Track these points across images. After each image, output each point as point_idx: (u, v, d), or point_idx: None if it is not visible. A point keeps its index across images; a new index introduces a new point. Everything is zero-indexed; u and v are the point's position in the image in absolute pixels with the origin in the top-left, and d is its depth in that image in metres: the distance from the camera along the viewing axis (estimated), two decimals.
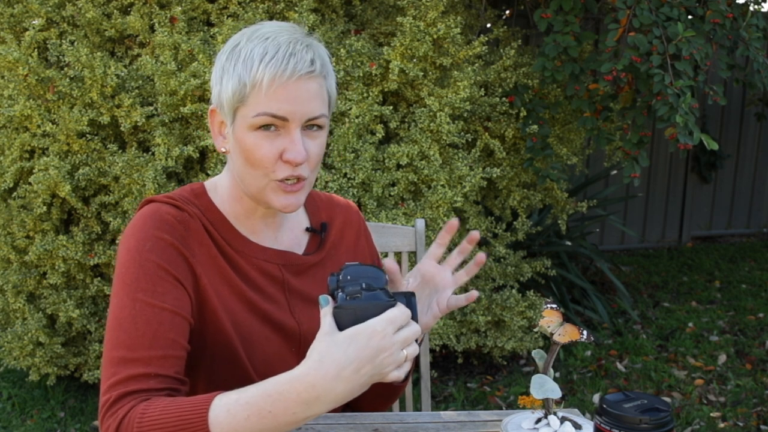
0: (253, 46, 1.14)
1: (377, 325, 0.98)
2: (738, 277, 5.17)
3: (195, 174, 2.95)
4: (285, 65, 1.12)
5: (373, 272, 1.05)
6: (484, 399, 3.41)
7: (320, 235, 1.36)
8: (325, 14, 3.21)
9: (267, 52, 1.13)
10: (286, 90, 1.13)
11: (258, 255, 1.27)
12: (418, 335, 1.02)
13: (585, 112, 3.20)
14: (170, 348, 1.12)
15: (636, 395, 1.09)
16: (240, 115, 1.16)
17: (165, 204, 1.22)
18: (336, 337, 0.99)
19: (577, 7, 3.06)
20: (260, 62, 1.13)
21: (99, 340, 3.04)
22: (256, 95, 1.13)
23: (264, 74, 1.12)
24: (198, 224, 1.22)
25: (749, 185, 6.24)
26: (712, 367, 3.72)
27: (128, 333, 1.11)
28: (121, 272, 1.16)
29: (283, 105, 1.13)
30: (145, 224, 1.18)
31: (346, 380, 0.97)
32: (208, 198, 1.26)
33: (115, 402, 1.06)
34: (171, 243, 1.17)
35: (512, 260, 3.50)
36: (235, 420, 0.99)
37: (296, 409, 0.98)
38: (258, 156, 1.16)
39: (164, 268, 1.15)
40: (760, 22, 3.21)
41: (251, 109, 1.14)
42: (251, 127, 1.15)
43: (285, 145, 1.15)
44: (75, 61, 2.81)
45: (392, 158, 2.95)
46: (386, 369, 0.99)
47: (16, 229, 2.97)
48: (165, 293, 1.14)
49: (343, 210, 1.42)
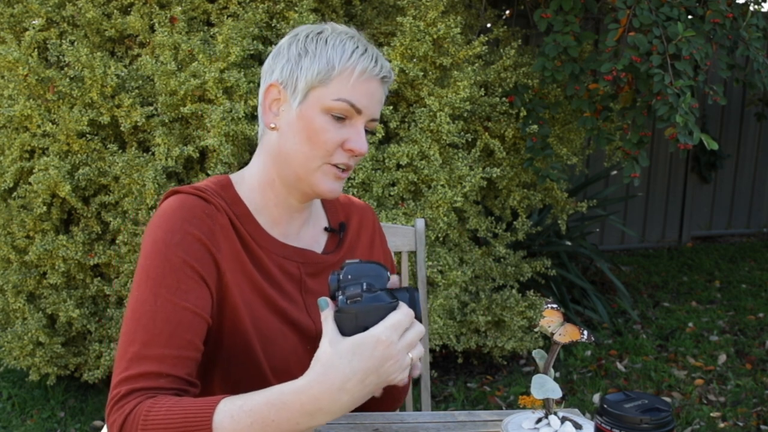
0: (343, 38, 1.19)
1: (381, 334, 0.97)
2: (738, 277, 5.17)
3: (195, 174, 2.95)
4: (375, 63, 1.19)
5: (374, 270, 1.04)
6: (484, 399, 3.41)
7: (339, 234, 1.36)
8: (325, 14, 3.21)
9: (358, 47, 1.19)
10: (369, 85, 1.19)
11: (278, 251, 1.26)
12: (422, 335, 1.02)
13: (585, 112, 3.20)
14: (185, 349, 1.11)
15: (636, 395, 1.09)
16: (315, 95, 1.18)
17: (192, 196, 1.20)
18: (340, 347, 0.98)
19: (577, 7, 3.06)
20: (353, 53, 1.18)
21: (99, 340, 3.04)
22: (343, 81, 1.17)
23: (357, 64, 1.18)
24: (224, 218, 1.21)
25: (749, 185, 6.24)
26: (712, 367, 3.72)
27: (146, 329, 1.10)
28: (146, 264, 1.14)
29: (363, 98, 1.18)
30: (174, 216, 1.16)
31: (351, 391, 0.97)
32: (234, 190, 1.25)
33: (123, 397, 1.06)
34: (199, 238, 1.16)
35: (512, 260, 3.50)
36: (238, 426, 0.99)
37: (300, 419, 0.98)
38: (323, 138, 1.18)
39: (190, 264, 1.14)
40: (760, 22, 3.21)
41: (333, 92, 1.17)
42: (325, 110, 1.18)
43: (350, 135, 1.19)
44: (75, 61, 2.80)
45: (392, 158, 2.95)
46: (392, 376, 0.99)
47: (16, 229, 2.97)
48: (188, 291, 1.13)
49: (360, 211, 1.43)
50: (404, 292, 1.04)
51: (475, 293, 3.38)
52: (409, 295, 1.04)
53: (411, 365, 1.01)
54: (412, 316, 1.01)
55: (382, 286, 1.02)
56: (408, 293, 1.04)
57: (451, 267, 3.08)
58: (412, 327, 1.01)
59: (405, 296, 1.03)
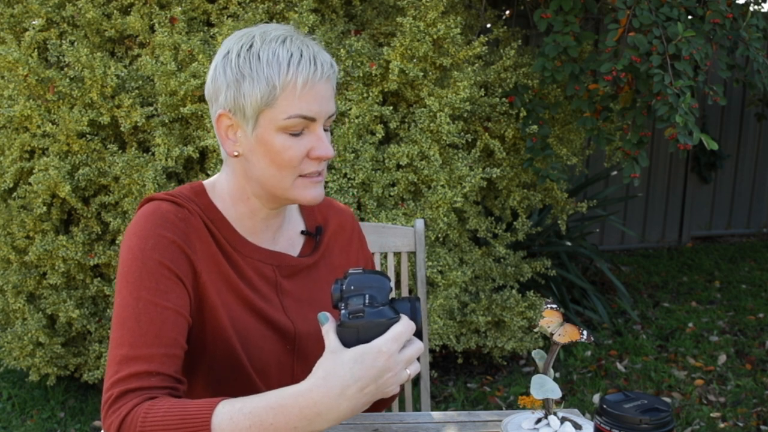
0: (274, 48, 1.14)
1: (383, 346, 0.99)
2: (738, 277, 5.17)
3: (195, 174, 2.95)
4: (314, 67, 1.14)
5: (377, 281, 1.04)
6: (484, 399, 3.41)
7: (315, 238, 1.37)
8: (325, 14, 3.21)
9: (293, 54, 1.13)
10: (315, 91, 1.15)
11: (253, 255, 1.27)
12: (422, 352, 1.04)
13: (585, 113, 3.20)
14: (172, 347, 1.13)
15: (636, 395, 1.09)
16: (266, 118, 1.15)
17: (165, 201, 1.22)
18: (342, 355, 0.99)
19: (577, 7, 3.06)
20: (289, 64, 1.13)
21: (99, 340, 3.04)
22: (288, 97, 1.14)
23: (297, 76, 1.13)
24: (198, 221, 1.23)
25: (749, 185, 6.24)
26: (712, 367, 3.72)
27: (131, 331, 1.12)
28: (124, 271, 1.16)
29: (313, 106, 1.15)
30: (146, 222, 1.19)
31: (350, 398, 0.98)
32: (207, 197, 1.27)
33: (117, 399, 1.07)
34: (173, 240, 1.18)
35: (512, 260, 3.50)
36: (237, 428, 1.00)
37: (298, 423, 0.99)
38: (287, 157, 1.17)
39: (166, 266, 1.16)
40: (760, 23, 3.21)
41: (282, 111, 1.14)
42: (280, 129, 1.16)
43: (312, 143, 1.18)
44: (75, 61, 2.81)
45: (392, 158, 2.95)
46: (389, 388, 1.01)
47: (16, 230, 2.97)
48: (167, 291, 1.15)
49: (339, 214, 1.43)
50: (405, 302, 1.05)
51: (475, 293, 3.38)
52: (410, 306, 1.05)
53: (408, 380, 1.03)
54: (413, 328, 1.02)
55: (384, 299, 1.03)
56: (410, 303, 1.05)
57: (451, 267, 3.08)
58: (412, 343, 1.03)
59: (406, 307, 1.05)
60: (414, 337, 1.03)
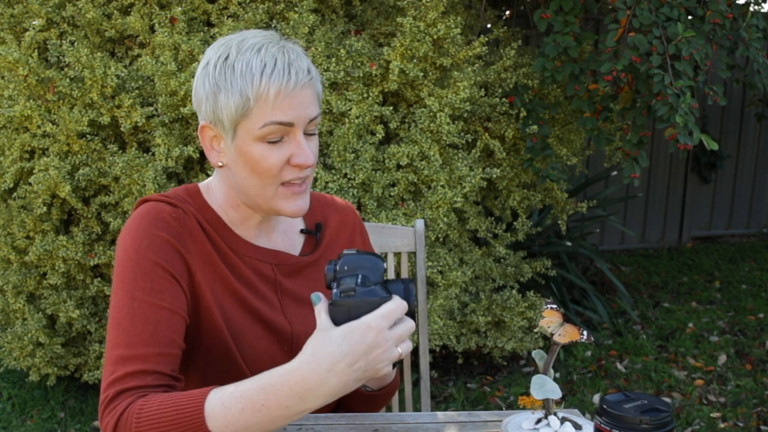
0: (248, 58, 1.14)
1: (372, 321, 1.00)
2: (738, 277, 5.17)
3: (195, 174, 2.95)
4: (288, 76, 1.13)
5: (370, 261, 1.04)
6: (484, 399, 3.41)
7: (315, 236, 1.37)
8: (325, 14, 3.21)
9: (266, 64, 1.13)
10: (290, 99, 1.14)
11: (251, 254, 1.28)
12: (413, 331, 1.03)
13: (585, 113, 3.20)
14: (167, 346, 1.13)
15: (636, 395, 1.09)
16: (243, 129, 1.16)
17: (160, 202, 1.23)
18: (331, 333, 1.00)
19: (577, 8, 3.06)
20: (262, 75, 1.13)
21: (99, 340, 3.04)
22: (261, 107, 1.14)
23: (269, 87, 1.13)
24: (193, 221, 1.23)
25: (749, 185, 6.23)
26: (712, 367, 3.72)
27: (127, 331, 1.12)
28: (119, 271, 1.17)
29: (288, 113, 1.15)
30: (141, 223, 1.19)
31: (339, 374, 0.98)
32: (202, 198, 1.27)
33: (113, 399, 1.08)
34: (167, 240, 1.18)
35: (512, 261, 3.50)
36: (230, 413, 1.01)
37: (289, 402, 0.99)
38: (266, 166, 1.17)
39: (161, 265, 1.16)
40: (760, 23, 3.21)
41: (257, 120, 1.14)
42: (257, 139, 1.16)
43: (292, 150, 1.17)
44: (75, 61, 2.81)
45: (392, 158, 2.95)
46: (379, 365, 1.00)
47: (16, 230, 2.97)
48: (163, 291, 1.15)
49: (340, 210, 1.43)
50: (399, 283, 1.05)
51: (475, 294, 3.38)
52: (404, 287, 1.05)
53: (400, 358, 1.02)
54: (404, 307, 1.03)
55: (378, 279, 1.03)
56: (403, 284, 1.05)
57: (451, 267, 3.08)
58: (404, 321, 1.03)
59: (399, 288, 1.04)
60: (406, 317, 1.03)
